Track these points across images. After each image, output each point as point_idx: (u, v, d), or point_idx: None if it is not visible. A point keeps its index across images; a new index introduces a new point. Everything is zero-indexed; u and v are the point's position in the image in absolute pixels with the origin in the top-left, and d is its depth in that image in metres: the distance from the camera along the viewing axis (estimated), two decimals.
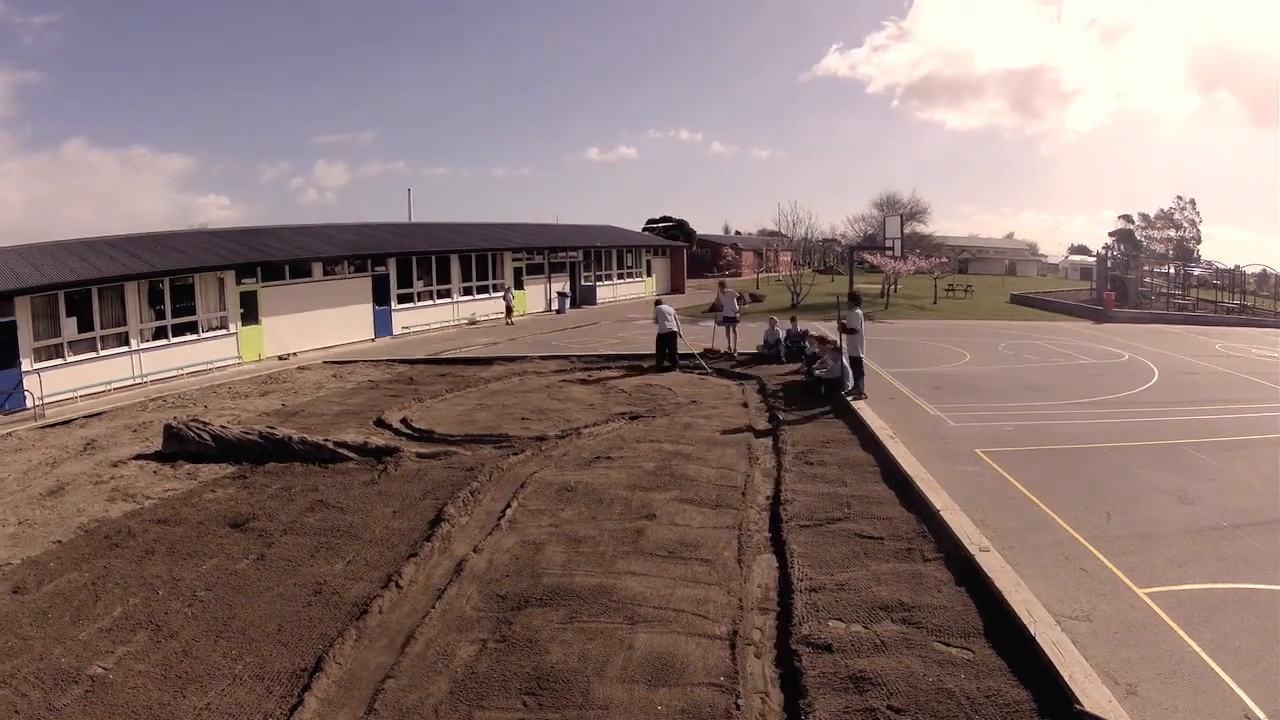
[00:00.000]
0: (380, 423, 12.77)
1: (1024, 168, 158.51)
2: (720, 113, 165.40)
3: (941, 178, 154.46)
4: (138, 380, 18.06)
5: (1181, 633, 5.75)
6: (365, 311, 25.74)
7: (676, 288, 45.43)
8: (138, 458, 11.19)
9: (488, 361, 19.11)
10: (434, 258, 28.95)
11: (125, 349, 18.41)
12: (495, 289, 31.87)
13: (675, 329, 17.06)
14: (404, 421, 12.64)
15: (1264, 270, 42.70)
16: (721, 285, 23.37)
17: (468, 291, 30.33)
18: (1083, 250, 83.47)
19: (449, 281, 29.52)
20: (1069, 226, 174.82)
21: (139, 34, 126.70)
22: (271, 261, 22.68)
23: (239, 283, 21.48)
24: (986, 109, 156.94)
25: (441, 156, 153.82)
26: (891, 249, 28.63)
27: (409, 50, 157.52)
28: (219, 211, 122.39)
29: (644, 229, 62.10)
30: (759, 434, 11.38)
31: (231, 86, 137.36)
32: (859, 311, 14.01)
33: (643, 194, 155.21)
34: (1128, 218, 74.22)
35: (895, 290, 42.99)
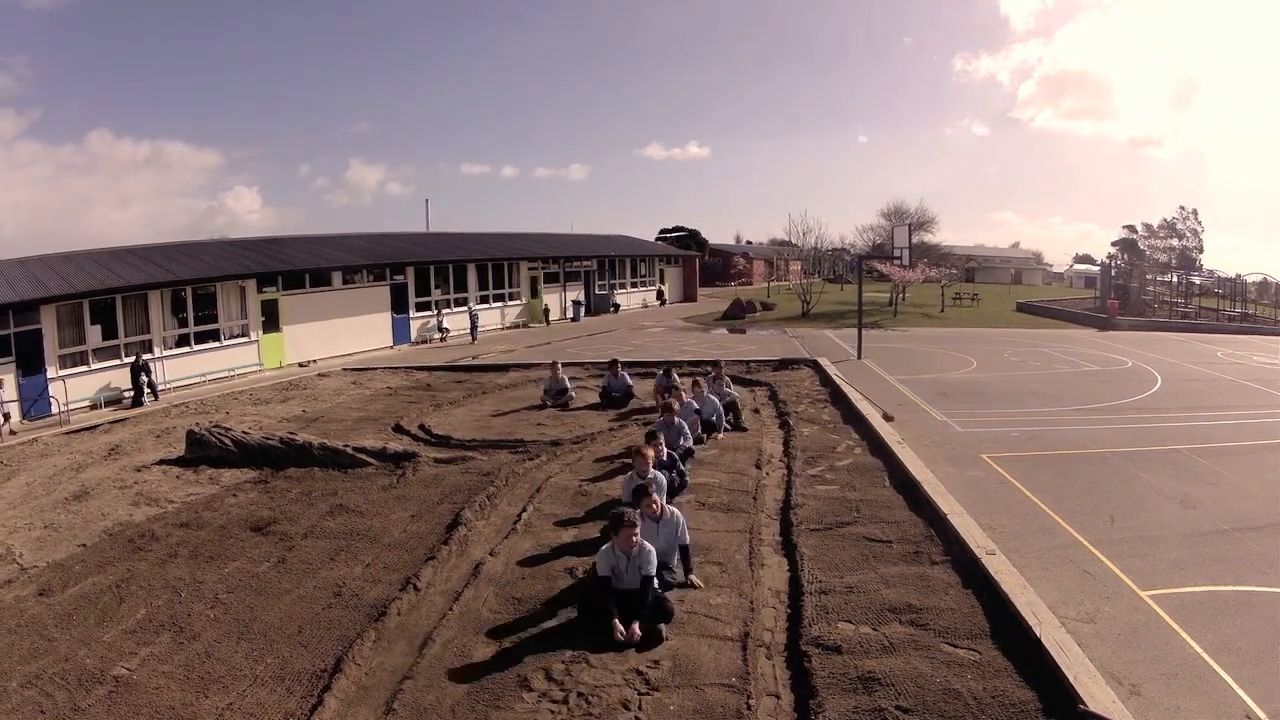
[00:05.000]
0: (398, 428, 12.94)
1: (1086, 175, 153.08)
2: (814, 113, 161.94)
3: (995, 183, 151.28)
4: (161, 387, 18.33)
5: (1184, 634, 5.82)
6: (384, 319, 26.03)
7: (689, 296, 45.64)
8: (161, 463, 11.36)
9: (504, 368, 19.34)
10: (451, 267, 29.26)
11: (150, 356, 18.66)
12: (511, 297, 32.11)
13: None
14: (422, 427, 12.81)
15: (1265, 279, 42.59)
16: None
17: (484, 300, 30.63)
18: (1087, 259, 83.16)
19: (466, 290, 29.81)
20: (1098, 236, 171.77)
21: (165, 26, 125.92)
22: (292, 270, 23.02)
23: (260, 291, 21.81)
24: (1080, 109, 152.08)
25: (481, 154, 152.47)
26: (899, 258, 28.68)
27: (446, 45, 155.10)
28: (249, 216, 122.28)
29: (657, 238, 62.45)
30: (769, 440, 11.47)
31: (266, 82, 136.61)
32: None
33: (709, 198, 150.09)
34: (1131, 227, 74.00)
35: (903, 299, 43.06)
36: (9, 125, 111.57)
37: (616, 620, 5.60)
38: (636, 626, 5.59)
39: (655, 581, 5.87)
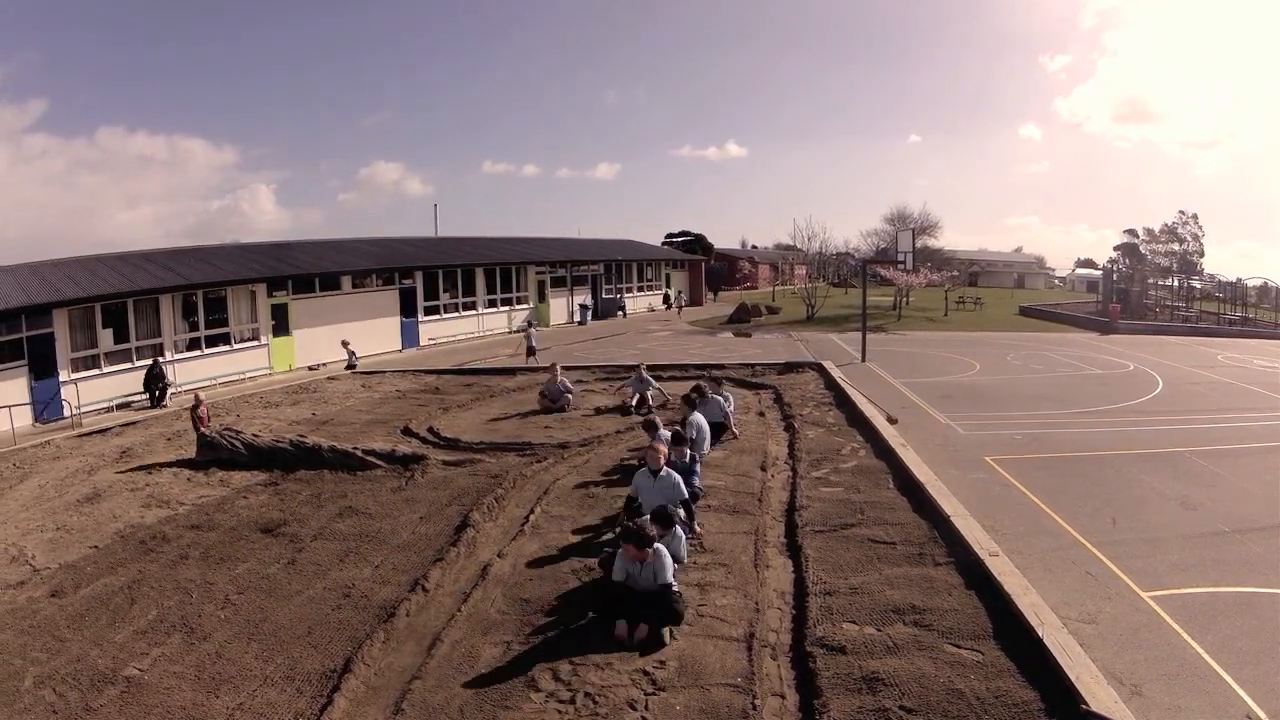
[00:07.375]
0: (407, 431, 13.02)
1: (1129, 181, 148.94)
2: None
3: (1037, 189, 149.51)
4: (173, 390, 18.44)
5: (1185, 635, 5.87)
6: (393, 323, 26.17)
7: (695, 300, 45.75)
8: (172, 465, 11.45)
9: (511, 372, 19.45)
10: (459, 271, 29.42)
11: (163, 360, 18.77)
12: (519, 301, 32.20)
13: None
14: (430, 430, 12.90)
15: (1265, 283, 42.47)
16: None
17: (492, 304, 30.78)
18: (1089, 264, 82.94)
19: (474, 294, 29.95)
20: (1112, 240, 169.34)
21: (174, 23, 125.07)
22: (302, 274, 23.18)
23: (270, 295, 21.98)
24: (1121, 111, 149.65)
25: (502, 153, 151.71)
26: (903, 262, 28.76)
27: (468, 41, 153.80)
28: (263, 218, 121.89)
29: (663, 242, 62.60)
30: (774, 442, 11.51)
31: (283, 79, 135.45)
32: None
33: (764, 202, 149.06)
34: (1132, 232, 73.71)
35: (907, 303, 43.10)
36: (16, 118, 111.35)
37: (622, 621, 5.69)
38: (644, 628, 5.65)
39: (674, 585, 5.94)
